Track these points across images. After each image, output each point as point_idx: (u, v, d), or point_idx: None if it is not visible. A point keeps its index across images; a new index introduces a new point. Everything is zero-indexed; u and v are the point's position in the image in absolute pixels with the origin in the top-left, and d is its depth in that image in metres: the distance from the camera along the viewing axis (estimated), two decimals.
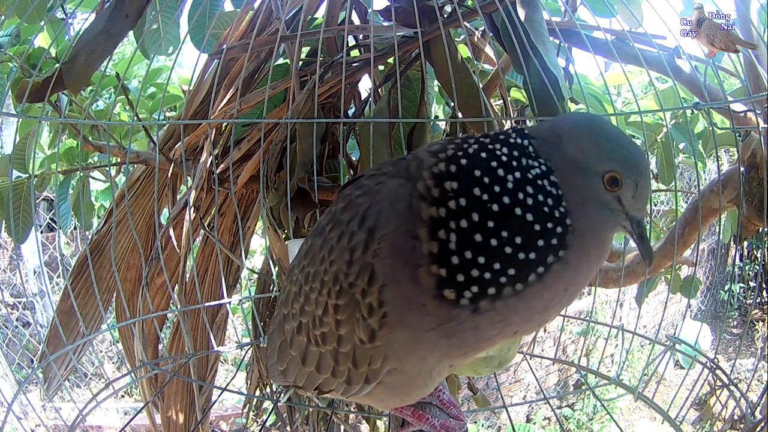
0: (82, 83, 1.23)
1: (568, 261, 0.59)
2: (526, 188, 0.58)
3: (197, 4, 1.43)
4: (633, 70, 2.18)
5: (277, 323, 0.84)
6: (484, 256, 0.57)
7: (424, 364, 0.66)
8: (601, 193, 0.62)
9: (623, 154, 0.62)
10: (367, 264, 0.61)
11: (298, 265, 0.76)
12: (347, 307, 0.64)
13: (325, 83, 1.35)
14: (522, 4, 1.17)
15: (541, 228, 0.58)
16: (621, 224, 0.64)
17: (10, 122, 3.38)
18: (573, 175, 0.62)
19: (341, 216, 0.67)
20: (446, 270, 0.57)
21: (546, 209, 0.58)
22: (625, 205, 0.63)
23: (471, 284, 0.57)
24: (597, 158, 0.62)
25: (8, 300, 4.56)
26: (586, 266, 0.62)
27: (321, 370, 0.73)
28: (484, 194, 0.58)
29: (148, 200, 1.57)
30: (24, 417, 2.83)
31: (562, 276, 0.60)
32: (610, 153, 0.62)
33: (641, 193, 0.63)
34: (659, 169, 1.87)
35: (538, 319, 0.63)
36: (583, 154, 0.62)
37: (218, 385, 1.44)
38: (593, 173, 0.61)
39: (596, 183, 0.62)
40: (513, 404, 3.55)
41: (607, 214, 0.63)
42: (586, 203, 0.62)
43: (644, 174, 0.63)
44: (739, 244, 5.31)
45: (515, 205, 0.57)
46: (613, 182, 0.61)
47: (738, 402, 0.96)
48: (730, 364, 2.55)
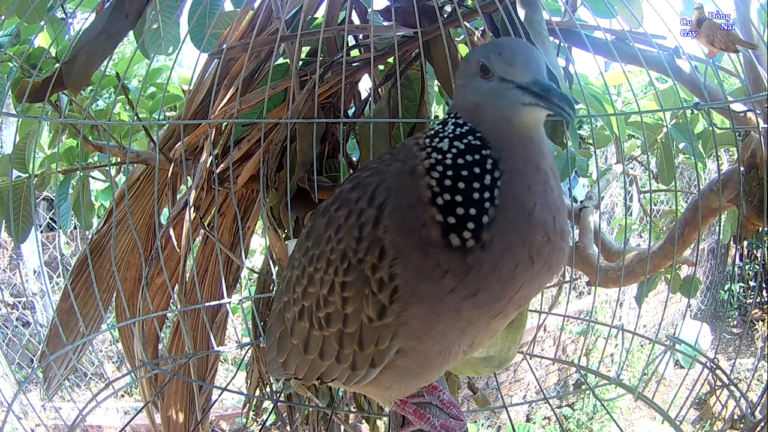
0: (82, 83, 1.23)
1: (506, 169, 0.65)
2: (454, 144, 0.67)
3: (197, 4, 1.43)
4: (633, 70, 2.18)
5: (275, 315, 0.84)
6: (460, 194, 0.63)
7: (446, 340, 0.67)
8: (485, 88, 0.66)
9: (483, 46, 0.70)
10: (378, 239, 0.64)
11: (300, 249, 0.76)
12: (355, 283, 0.66)
13: (325, 83, 1.35)
14: (522, 4, 1.16)
15: (473, 159, 0.65)
16: (521, 102, 0.64)
17: (10, 122, 3.38)
18: (465, 98, 0.69)
19: (349, 195, 0.69)
20: (440, 213, 0.63)
21: (469, 144, 0.66)
22: (511, 78, 0.64)
23: (465, 221, 0.62)
24: (467, 66, 0.69)
25: (8, 300, 4.56)
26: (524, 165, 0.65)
27: (324, 356, 0.73)
28: (438, 156, 0.66)
29: (148, 200, 1.57)
30: (24, 417, 2.83)
31: (513, 182, 0.64)
32: (472, 53, 0.70)
33: (513, 57, 0.64)
34: (659, 169, 1.87)
35: (535, 230, 0.64)
36: (461, 75, 0.71)
37: (218, 385, 1.44)
38: (472, 79, 0.68)
39: (477, 83, 0.67)
40: (513, 404, 3.55)
41: (501, 102, 0.65)
42: (484, 110, 0.67)
43: (505, 43, 0.68)
44: (739, 244, 5.31)
45: (456, 157, 0.66)
46: (484, 69, 0.66)
47: (738, 402, 0.96)
48: (730, 363, 2.56)
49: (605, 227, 4.93)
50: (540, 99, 0.62)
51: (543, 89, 0.62)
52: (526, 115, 0.64)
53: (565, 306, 1.45)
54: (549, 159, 0.68)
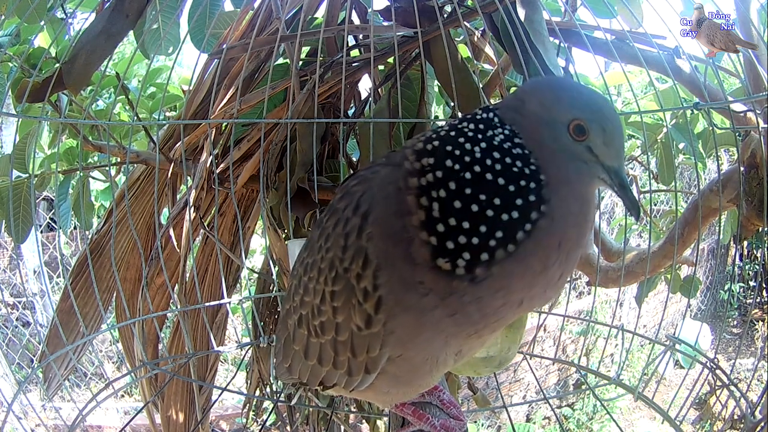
0: (82, 83, 1.23)
1: (551, 215, 0.59)
2: (492, 154, 0.59)
3: (197, 4, 1.43)
4: (633, 70, 2.17)
5: (281, 321, 0.85)
6: (468, 221, 0.58)
7: (431, 348, 0.66)
8: (570, 145, 0.62)
9: (584, 101, 0.63)
10: (361, 248, 0.62)
11: (299, 259, 0.77)
12: (343, 292, 0.65)
13: (325, 83, 1.35)
14: (522, 4, 1.16)
15: (515, 188, 0.58)
16: (598, 176, 0.62)
17: (10, 122, 3.38)
18: (539, 133, 0.62)
19: (338, 205, 0.69)
20: (436, 238, 0.58)
21: (515, 169, 0.59)
22: (598, 154, 0.62)
23: (462, 251, 0.58)
24: (559, 109, 0.62)
25: (8, 300, 4.56)
26: (573, 219, 0.62)
27: (323, 363, 0.73)
28: (455, 165, 0.59)
29: (148, 200, 1.57)
30: (24, 417, 2.83)
31: (550, 230, 0.59)
32: (570, 101, 0.62)
33: (611, 139, 0.62)
34: (659, 169, 1.87)
35: (540, 282, 0.62)
36: (545, 108, 0.62)
37: (218, 385, 1.44)
38: (558, 125, 0.61)
39: (563, 134, 0.61)
40: (513, 404, 3.55)
41: (580, 166, 0.62)
42: (557, 157, 0.62)
43: (610, 118, 0.62)
44: (739, 244, 5.31)
45: (486, 171, 0.59)
46: (579, 130, 0.61)
47: (738, 402, 0.96)
48: (730, 363, 2.56)
49: (605, 227, 4.93)
50: (617, 186, 0.62)
51: (622, 182, 0.62)
52: (596, 185, 0.64)
53: (565, 306, 1.45)
54: (593, 220, 0.66)
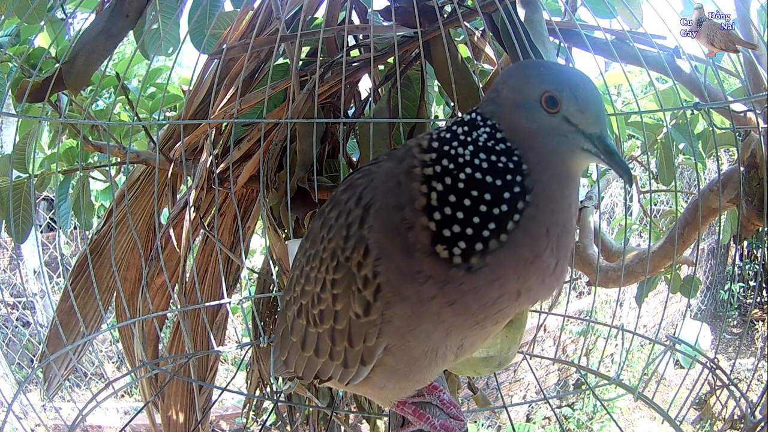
0: (82, 83, 1.23)
1: (535, 203, 0.61)
2: (479, 155, 0.62)
3: (197, 4, 1.43)
4: (633, 70, 2.18)
5: (280, 315, 0.86)
6: (462, 212, 0.61)
7: (430, 340, 0.67)
8: (546, 120, 0.62)
9: (552, 74, 0.63)
10: (363, 238, 0.65)
11: (300, 250, 0.79)
12: (343, 280, 0.67)
13: (325, 83, 1.35)
14: (522, 4, 1.16)
15: (502, 182, 0.61)
16: (581, 147, 0.62)
17: (10, 122, 3.38)
18: (516, 117, 0.63)
19: (341, 196, 0.71)
20: (435, 224, 0.61)
21: (500, 165, 0.62)
22: (576, 123, 0.61)
23: (458, 239, 0.60)
24: (529, 87, 0.62)
25: (8, 300, 4.56)
26: (556, 204, 0.62)
27: (319, 353, 0.75)
28: (450, 164, 0.63)
29: (148, 200, 1.57)
30: (24, 417, 2.83)
31: (536, 218, 0.61)
32: (538, 77, 0.63)
33: (585, 105, 0.61)
34: (659, 170, 1.87)
35: (534, 271, 0.62)
36: (516, 92, 0.63)
37: (218, 385, 1.44)
38: (531, 103, 0.62)
39: (537, 111, 0.62)
40: (513, 404, 3.55)
41: (560, 141, 0.62)
42: (536, 139, 0.62)
43: (581, 84, 0.62)
44: (739, 244, 5.31)
45: (475, 171, 0.62)
46: (551, 102, 0.61)
47: (738, 402, 0.96)
48: (730, 363, 2.56)
49: (605, 227, 4.93)
50: (602, 153, 0.61)
51: (607, 148, 0.61)
52: (581, 159, 0.63)
53: (565, 306, 1.45)
54: (577, 200, 0.66)
